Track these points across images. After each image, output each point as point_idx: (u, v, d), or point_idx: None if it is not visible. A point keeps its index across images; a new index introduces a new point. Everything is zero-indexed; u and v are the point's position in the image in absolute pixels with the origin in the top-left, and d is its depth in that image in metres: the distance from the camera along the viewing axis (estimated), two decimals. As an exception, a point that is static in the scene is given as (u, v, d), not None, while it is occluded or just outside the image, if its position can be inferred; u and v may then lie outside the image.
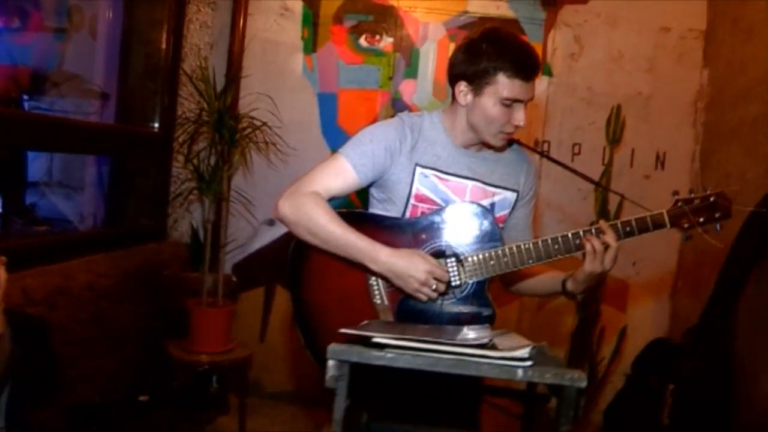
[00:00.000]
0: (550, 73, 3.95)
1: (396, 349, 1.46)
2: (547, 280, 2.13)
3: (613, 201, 3.76)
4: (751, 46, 3.45)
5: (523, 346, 1.46)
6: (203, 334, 3.43)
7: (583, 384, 1.43)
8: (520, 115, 1.94)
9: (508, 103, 1.91)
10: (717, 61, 3.83)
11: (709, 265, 3.30)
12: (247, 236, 3.91)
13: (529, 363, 1.43)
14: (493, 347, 1.49)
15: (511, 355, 1.43)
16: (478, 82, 1.93)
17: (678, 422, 3.12)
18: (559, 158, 3.65)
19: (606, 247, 1.86)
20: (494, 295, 2.00)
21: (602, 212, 3.73)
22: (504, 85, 1.89)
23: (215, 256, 3.57)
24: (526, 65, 1.90)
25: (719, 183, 3.57)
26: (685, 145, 3.95)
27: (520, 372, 1.42)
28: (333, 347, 1.50)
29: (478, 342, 1.46)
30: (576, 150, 3.96)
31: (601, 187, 3.69)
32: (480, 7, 3.92)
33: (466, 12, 3.92)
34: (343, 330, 1.54)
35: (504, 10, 3.92)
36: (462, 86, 1.97)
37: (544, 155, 3.74)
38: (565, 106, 3.96)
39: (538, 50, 3.87)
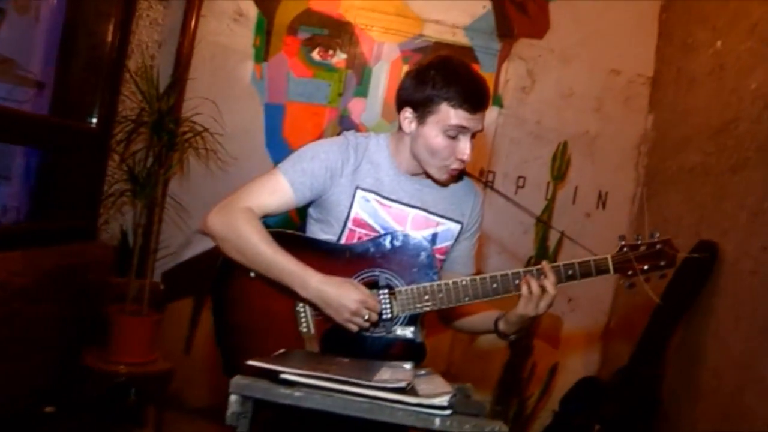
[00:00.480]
0: (500, 104, 3.93)
1: (306, 387, 1.35)
2: (482, 318, 2.04)
3: (553, 237, 3.74)
4: (693, 97, 3.49)
5: (442, 393, 1.36)
6: (124, 344, 3.26)
7: (503, 438, 1.35)
8: (464, 147, 1.85)
9: (453, 134, 1.83)
10: (661, 107, 3.87)
11: (642, 308, 3.30)
12: (179, 244, 3.76)
13: (448, 412, 1.34)
14: (413, 391, 1.39)
15: (429, 403, 1.33)
16: (422, 110, 1.85)
17: (602, 463, 3.09)
18: (502, 190, 3.63)
19: (543, 290, 1.78)
20: (426, 325, 1.92)
21: (542, 247, 3.70)
22: (447, 114, 1.81)
23: (144, 262, 3.42)
24: (472, 97, 1.82)
25: (656, 227, 3.53)
26: (626, 186, 3.96)
27: (437, 421, 1.33)
28: (236, 381, 1.38)
29: (396, 386, 1.35)
30: (520, 183, 3.93)
31: (543, 222, 3.66)
32: (436, 32, 3.87)
33: (422, 35, 3.87)
34: (250, 362, 1.41)
35: (460, 37, 3.88)
36: (407, 113, 1.89)
37: (489, 185, 3.71)
38: (513, 138, 3.94)
39: (491, 81, 3.87)
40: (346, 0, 3.83)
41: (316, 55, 3.84)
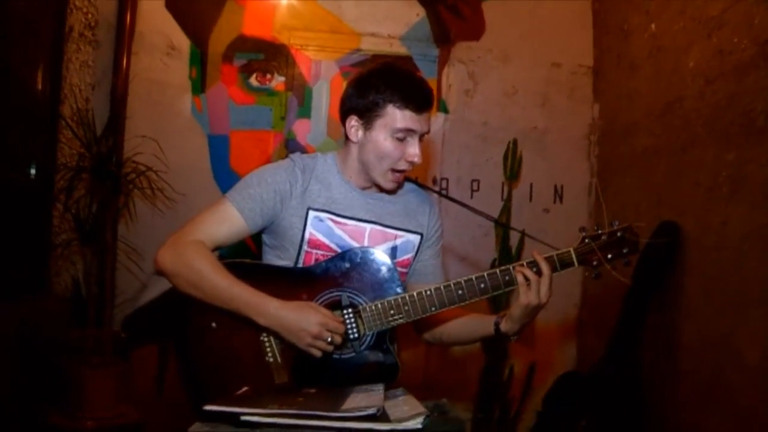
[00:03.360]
0: (445, 110, 3.91)
1: (270, 427, 1.25)
2: (471, 323, 1.99)
3: (514, 236, 3.68)
4: (635, 81, 3.52)
5: (416, 415, 1.28)
6: (90, 398, 3.13)
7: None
8: (413, 150, 1.85)
9: (401, 137, 1.84)
10: (606, 95, 3.89)
11: (613, 297, 3.27)
12: (136, 289, 3.63)
13: None
14: (384, 417, 1.31)
15: (401, 428, 1.25)
16: (368, 115, 1.86)
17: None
18: (458, 195, 3.62)
19: (539, 275, 1.75)
20: (400, 339, 1.84)
21: (504, 248, 3.64)
22: (394, 116, 1.82)
23: (101, 311, 3.30)
24: (417, 96, 1.84)
25: (615, 214, 3.50)
26: (581, 178, 3.96)
27: None
28: (195, 428, 1.29)
29: (365, 413, 1.27)
30: (475, 186, 3.90)
31: (499, 224, 3.61)
32: (373, 44, 3.84)
33: (359, 50, 3.83)
34: (207, 407, 1.31)
35: (397, 48, 3.86)
36: (353, 121, 1.90)
37: (442, 194, 3.65)
38: (462, 142, 3.92)
39: (433, 85, 3.85)
40: (278, 21, 3.78)
41: (254, 80, 3.76)
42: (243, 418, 1.28)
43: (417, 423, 1.28)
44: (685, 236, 2.95)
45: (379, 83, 1.84)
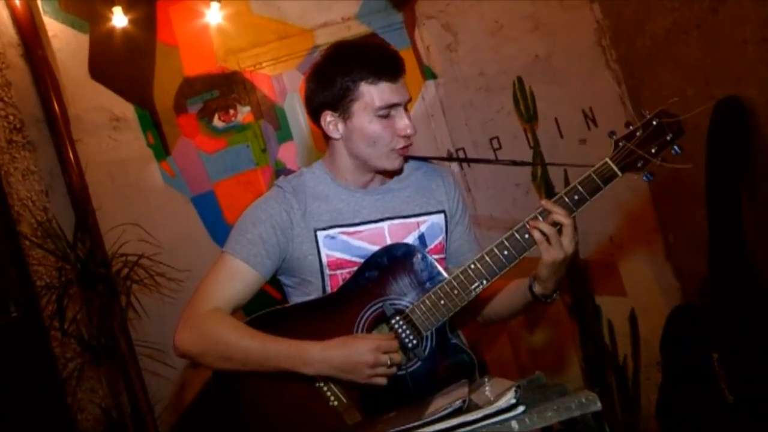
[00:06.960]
0: (433, 75, 3.85)
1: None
2: (512, 293, 1.96)
3: (557, 181, 3.54)
4: (627, -41, 3.46)
5: (505, 392, 1.19)
6: None
7: (597, 406, 1.28)
8: (403, 123, 1.83)
9: (385, 113, 1.82)
10: (602, -11, 3.81)
11: (692, 203, 3.13)
12: (173, 391, 3.56)
13: (521, 409, 1.24)
14: (474, 406, 1.30)
15: (495, 409, 1.20)
16: (342, 104, 1.83)
17: (744, 391, 2.86)
18: (480, 160, 3.50)
19: (559, 227, 1.70)
20: (477, 338, 1.75)
21: (551, 198, 3.50)
22: (371, 94, 1.81)
23: (144, 429, 3.22)
24: (386, 63, 1.83)
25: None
26: (609, 90, 3.84)
27: (515, 425, 1.23)
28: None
29: (451, 409, 1.28)
30: (495, 144, 3.83)
31: (535, 164, 3.54)
32: (330, 35, 3.77)
33: (316, 46, 3.78)
34: None
35: (357, 28, 3.81)
36: (328, 117, 1.87)
37: (462, 159, 3.58)
38: (463, 102, 3.85)
39: (411, 55, 3.81)
40: (220, 49, 3.72)
41: (218, 121, 3.71)
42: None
43: (509, 398, 1.24)
44: (751, 105, 2.84)
45: (342, 66, 1.82)
